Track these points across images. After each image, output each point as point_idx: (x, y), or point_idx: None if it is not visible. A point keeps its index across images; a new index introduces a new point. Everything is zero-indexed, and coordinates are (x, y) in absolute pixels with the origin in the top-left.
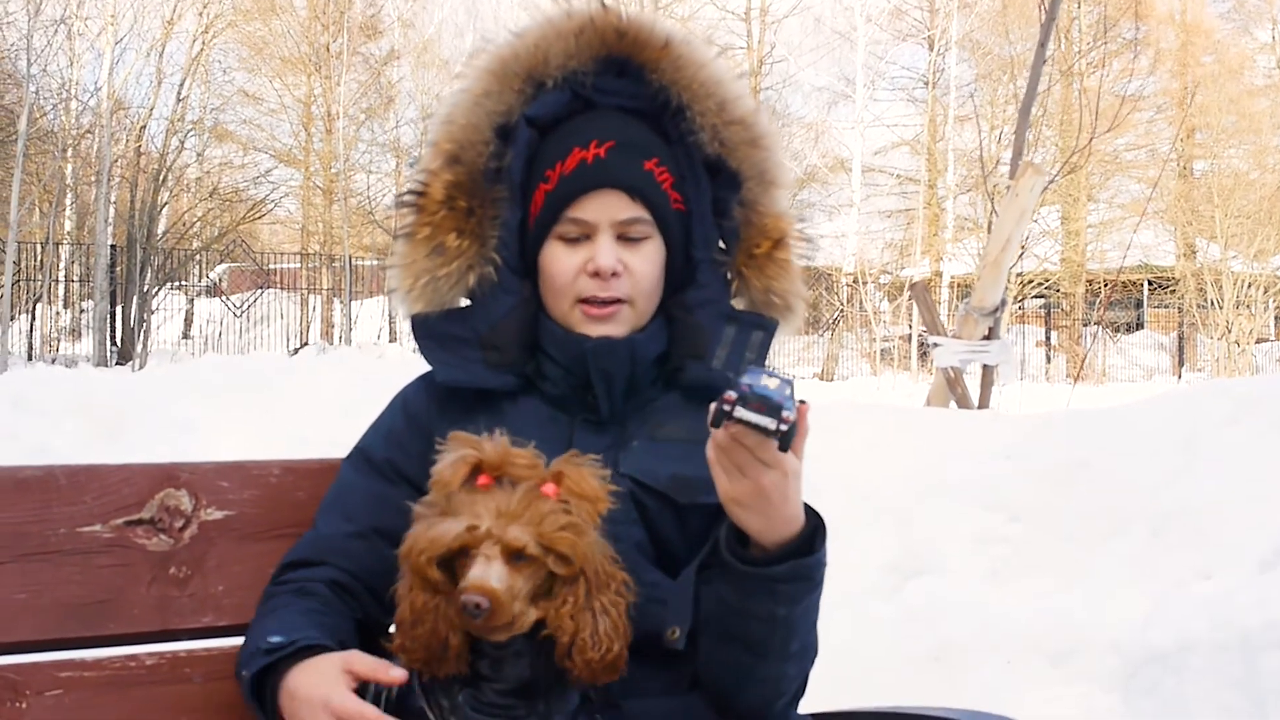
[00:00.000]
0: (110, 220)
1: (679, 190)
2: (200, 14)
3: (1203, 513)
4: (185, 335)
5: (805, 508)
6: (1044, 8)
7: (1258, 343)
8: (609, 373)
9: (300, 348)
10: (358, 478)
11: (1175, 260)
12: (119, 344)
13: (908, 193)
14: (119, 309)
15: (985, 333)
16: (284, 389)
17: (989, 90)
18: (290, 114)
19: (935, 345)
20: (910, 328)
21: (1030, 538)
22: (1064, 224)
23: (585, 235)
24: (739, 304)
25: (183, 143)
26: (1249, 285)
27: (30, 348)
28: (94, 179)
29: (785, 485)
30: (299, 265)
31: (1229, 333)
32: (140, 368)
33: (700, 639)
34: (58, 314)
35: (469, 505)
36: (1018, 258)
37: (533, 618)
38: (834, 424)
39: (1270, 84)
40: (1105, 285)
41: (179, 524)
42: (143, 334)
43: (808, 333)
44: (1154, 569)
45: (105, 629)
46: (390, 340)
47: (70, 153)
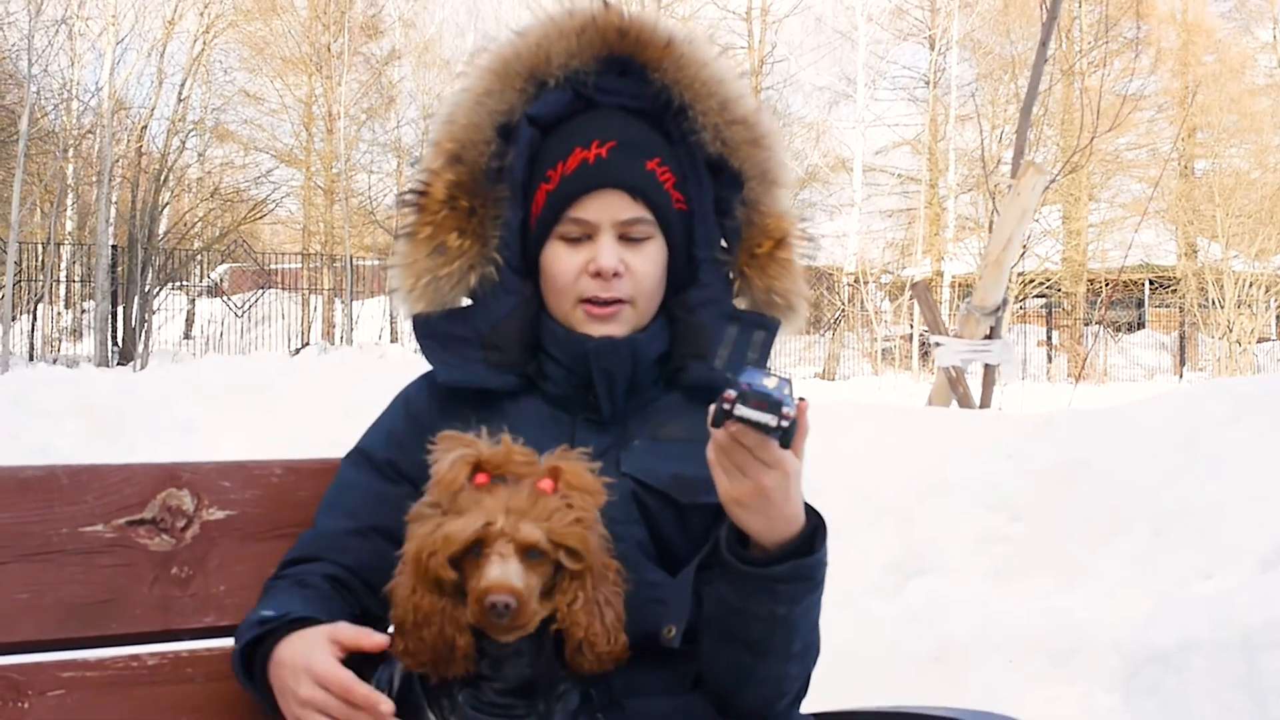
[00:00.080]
0: (111, 220)
1: (681, 190)
2: (201, 14)
3: (1204, 512)
4: (186, 335)
5: (806, 507)
6: (1045, 7)
7: (1259, 342)
8: (610, 372)
9: (301, 348)
10: (358, 476)
11: (1176, 260)
12: (120, 344)
13: (909, 192)
14: (120, 309)
15: (987, 332)
16: (285, 389)
17: (990, 90)
18: (291, 114)
19: (937, 345)
20: (912, 327)
21: (1032, 537)
22: (1065, 223)
23: (587, 235)
24: (741, 304)
25: (184, 143)
26: (1250, 284)
27: (32, 348)
28: (95, 179)
29: (786, 485)
30: (300, 265)
31: (1230, 332)
32: (142, 368)
33: (702, 639)
34: (59, 314)
35: (476, 504)
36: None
37: (541, 615)
38: (835, 423)
39: (1271, 83)
40: (1106, 285)
41: (181, 524)
42: (144, 334)
43: (809, 332)
44: (1155, 568)
45: (107, 629)
46: (392, 340)
47: (71, 153)
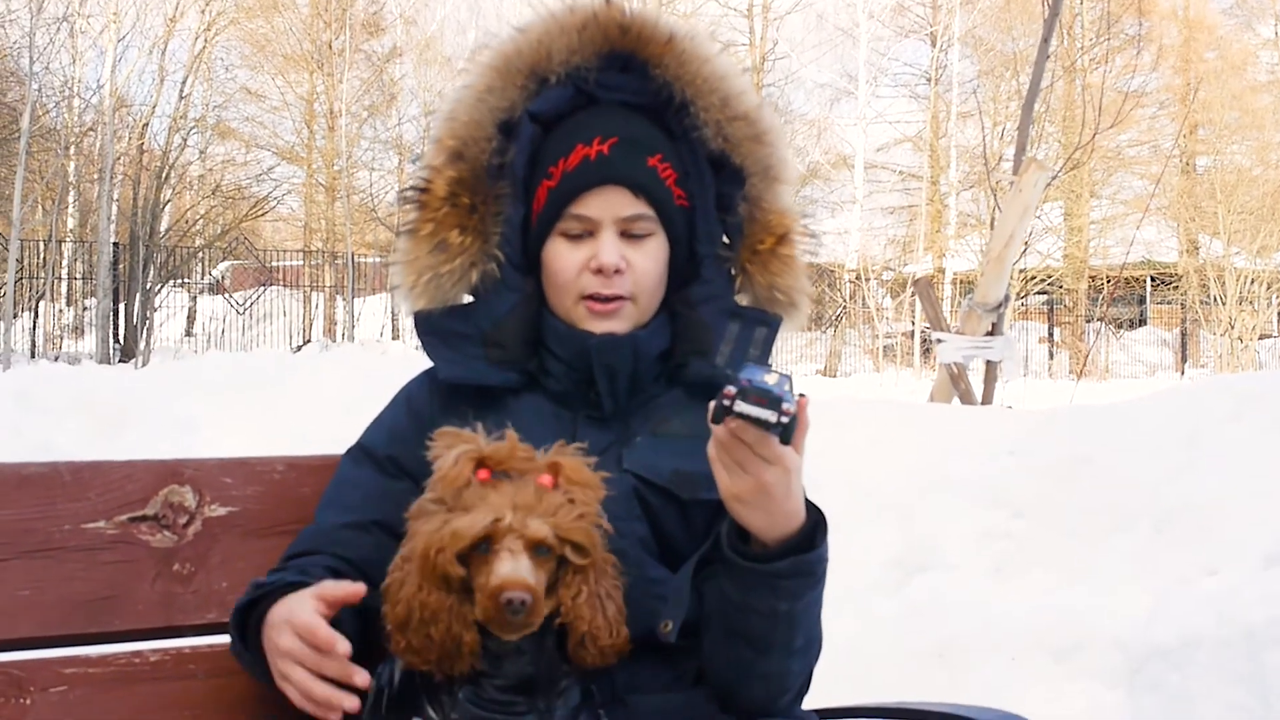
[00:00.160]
0: (113, 218)
1: (682, 186)
2: (203, 11)
3: (1206, 509)
4: (188, 333)
5: (806, 503)
6: (1047, 3)
7: (1261, 339)
8: (612, 369)
9: (303, 345)
10: (359, 472)
11: (1178, 256)
12: (122, 341)
13: (910, 189)
14: (122, 306)
15: (989, 329)
16: (287, 386)
17: (991, 86)
18: (293, 111)
19: (938, 341)
20: (913, 324)
21: (1033, 534)
22: (1067, 220)
23: (588, 232)
24: (743, 300)
25: (185, 140)
26: (1252, 281)
27: (33, 345)
28: (97, 176)
29: (786, 481)
30: (302, 262)
31: (1232, 329)
32: (143, 365)
33: (704, 635)
34: (61, 311)
35: (482, 500)
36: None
37: (547, 611)
38: (837, 420)
39: (1273, 80)
40: (1108, 281)
41: (183, 520)
42: (146, 331)
43: (811, 329)
44: (1157, 565)
45: (109, 625)
46: (393, 337)
47: (73, 150)
